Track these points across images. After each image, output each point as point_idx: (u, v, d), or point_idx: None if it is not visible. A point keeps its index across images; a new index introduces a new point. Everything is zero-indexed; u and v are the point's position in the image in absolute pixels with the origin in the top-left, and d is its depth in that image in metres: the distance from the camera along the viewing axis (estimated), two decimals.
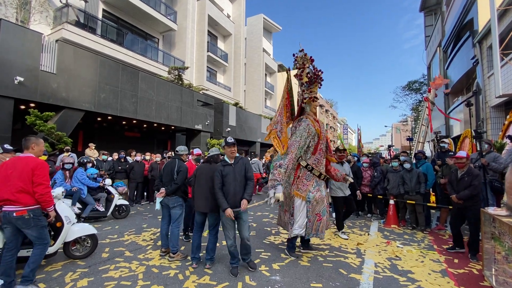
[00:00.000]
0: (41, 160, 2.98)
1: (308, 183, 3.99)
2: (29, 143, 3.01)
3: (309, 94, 4.26)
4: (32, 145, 3.02)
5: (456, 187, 4.32)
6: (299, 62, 4.30)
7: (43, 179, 2.86)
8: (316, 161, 4.12)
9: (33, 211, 2.84)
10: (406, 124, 37.46)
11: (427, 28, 19.55)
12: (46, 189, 2.88)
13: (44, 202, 2.88)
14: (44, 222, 2.98)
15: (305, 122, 4.10)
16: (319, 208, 3.95)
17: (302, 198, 3.93)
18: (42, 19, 11.13)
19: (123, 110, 10.72)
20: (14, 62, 7.56)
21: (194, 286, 3.07)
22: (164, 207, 4.04)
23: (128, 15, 15.66)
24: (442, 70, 15.43)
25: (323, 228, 4.03)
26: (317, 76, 4.24)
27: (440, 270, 3.66)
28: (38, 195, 2.83)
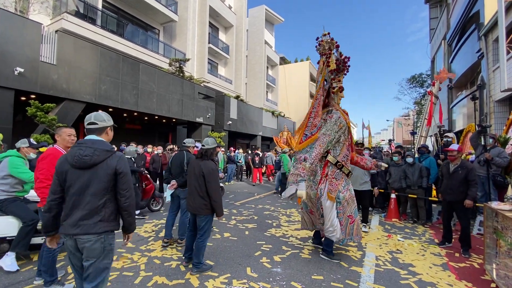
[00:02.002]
0: (52, 152, 2.80)
1: (338, 182, 3.65)
2: (55, 134, 2.98)
3: (338, 84, 3.93)
4: (56, 136, 2.96)
5: (449, 180, 4.22)
6: (325, 47, 3.85)
7: (40, 172, 2.73)
8: (345, 157, 3.80)
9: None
10: (408, 119, 37.25)
11: (432, 21, 19.22)
12: (40, 184, 2.70)
13: (39, 196, 2.75)
14: None
15: (336, 114, 3.77)
16: (350, 209, 3.65)
17: (331, 199, 3.59)
18: (41, 9, 10.97)
19: (124, 102, 10.67)
20: (13, 52, 7.48)
21: (196, 278, 3.09)
22: (174, 199, 4.08)
23: (129, 5, 15.43)
24: (447, 64, 15.23)
25: (358, 231, 3.73)
26: (345, 63, 3.89)
27: (441, 263, 3.67)
28: (34, 188, 2.74)
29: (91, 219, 1.76)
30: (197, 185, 3.20)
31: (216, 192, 3.17)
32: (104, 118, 1.97)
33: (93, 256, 1.78)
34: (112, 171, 1.82)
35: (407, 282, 3.11)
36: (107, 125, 1.98)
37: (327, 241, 3.76)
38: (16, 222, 3.31)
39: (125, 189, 1.85)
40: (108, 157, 1.84)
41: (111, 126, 2.05)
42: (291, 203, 7.74)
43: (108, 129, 2.00)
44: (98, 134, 1.93)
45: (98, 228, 1.78)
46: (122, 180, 1.84)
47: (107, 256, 1.85)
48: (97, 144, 1.84)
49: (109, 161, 1.83)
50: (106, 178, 1.80)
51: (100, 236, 1.79)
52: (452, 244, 4.37)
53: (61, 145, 2.91)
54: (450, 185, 4.19)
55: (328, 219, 3.60)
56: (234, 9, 24.66)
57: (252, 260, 3.64)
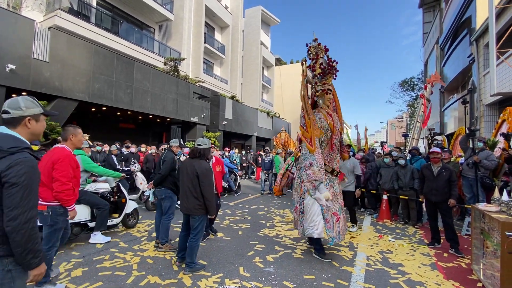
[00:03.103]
0: (66, 153, 2.74)
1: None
2: (67, 133, 2.85)
3: (322, 87, 4.08)
4: (70, 136, 2.85)
5: (434, 182, 4.34)
6: (312, 52, 4.07)
7: (60, 174, 2.64)
8: (329, 156, 3.99)
9: (52, 208, 2.68)
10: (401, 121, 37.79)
11: (426, 25, 19.55)
12: (62, 187, 2.64)
13: (61, 200, 2.68)
14: (59, 225, 2.73)
15: (317, 116, 3.94)
16: (334, 207, 3.77)
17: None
18: (34, 5, 10.81)
19: (118, 101, 10.57)
20: (5, 49, 7.36)
21: (189, 277, 3.10)
22: (158, 199, 4.07)
23: (123, 3, 15.30)
24: (439, 68, 15.51)
25: (343, 229, 3.89)
26: (331, 66, 4.03)
27: (429, 263, 3.75)
28: (54, 192, 2.65)
29: None
30: (190, 185, 3.19)
31: (210, 192, 3.18)
32: (20, 105, 1.46)
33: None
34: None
35: (396, 281, 3.18)
36: (23, 115, 1.46)
37: (312, 240, 3.95)
38: (86, 209, 4.03)
39: (9, 206, 1.28)
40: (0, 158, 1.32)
41: (33, 115, 1.50)
42: (284, 204, 7.79)
43: (26, 120, 1.47)
44: (11, 126, 1.45)
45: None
46: (6, 193, 1.29)
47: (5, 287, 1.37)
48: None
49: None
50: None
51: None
52: (441, 244, 4.47)
53: (71, 145, 2.87)
54: (435, 186, 4.31)
55: (308, 215, 3.69)
56: (230, 9, 24.66)
57: (245, 260, 3.66)
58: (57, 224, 2.72)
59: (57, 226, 2.72)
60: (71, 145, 2.87)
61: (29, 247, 1.34)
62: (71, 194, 2.71)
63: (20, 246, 1.31)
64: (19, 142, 1.39)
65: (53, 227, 2.71)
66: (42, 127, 1.57)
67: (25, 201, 1.32)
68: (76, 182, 2.86)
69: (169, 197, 3.96)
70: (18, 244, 1.31)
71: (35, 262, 1.37)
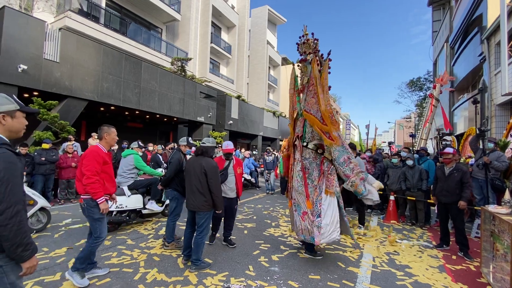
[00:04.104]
0: (94, 149, 2.89)
1: (333, 178, 3.64)
2: (102, 133, 2.99)
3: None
4: (104, 135, 2.98)
5: (445, 183, 4.28)
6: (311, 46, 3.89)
7: (86, 169, 2.78)
8: None
9: (86, 201, 2.83)
10: (409, 121, 37.25)
11: (435, 23, 19.22)
12: (87, 180, 2.76)
13: (88, 193, 2.80)
14: (97, 215, 2.85)
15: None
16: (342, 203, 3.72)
17: (331, 195, 3.58)
18: (45, 7, 11.05)
19: (126, 100, 10.72)
20: (17, 50, 7.55)
21: (194, 275, 3.13)
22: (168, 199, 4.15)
23: (132, 4, 15.50)
24: (449, 67, 15.22)
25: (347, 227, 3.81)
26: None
27: (437, 265, 3.70)
28: (83, 185, 2.80)
29: None
30: (197, 182, 3.24)
31: (218, 188, 3.30)
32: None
33: None
34: None
35: (403, 283, 3.14)
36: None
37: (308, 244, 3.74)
38: (141, 198, 4.91)
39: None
40: None
41: (7, 112, 1.47)
42: None
43: (0, 116, 1.46)
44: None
45: None
46: None
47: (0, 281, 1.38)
48: None
49: None
50: None
51: None
52: (450, 247, 4.40)
53: (106, 143, 3.00)
54: (446, 187, 4.24)
55: (330, 219, 3.50)
56: (237, 9, 24.71)
57: (250, 259, 3.67)
58: (94, 214, 2.84)
59: (95, 216, 2.84)
60: (105, 143, 3.00)
61: (18, 241, 1.35)
62: (97, 187, 2.80)
63: (9, 240, 1.33)
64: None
65: (92, 217, 2.85)
66: (19, 124, 1.54)
67: (9, 196, 1.32)
68: (105, 177, 2.95)
69: (175, 198, 3.97)
70: (6, 239, 1.32)
71: (26, 255, 1.39)
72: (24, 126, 1.58)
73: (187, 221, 3.51)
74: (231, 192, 4.05)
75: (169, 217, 3.96)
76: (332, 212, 3.52)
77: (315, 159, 3.71)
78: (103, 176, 2.91)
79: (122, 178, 4.91)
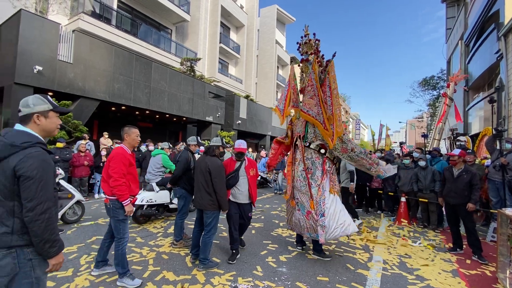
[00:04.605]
0: (119, 151, 2.88)
1: (335, 177, 3.81)
2: (122, 133, 2.99)
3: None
4: (124, 136, 2.99)
5: (453, 184, 4.21)
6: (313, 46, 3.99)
7: (113, 171, 2.79)
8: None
9: (112, 201, 2.85)
10: (421, 121, 36.33)
11: (449, 20, 18.70)
12: (114, 182, 2.77)
13: (115, 195, 2.81)
14: (121, 217, 2.87)
15: None
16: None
17: (335, 194, 3.68)
18: (59, 9, 11.35)
19: (136, 100, 10.90)
20: (33, 51, 7.78)
21: (202, 274, 3.14)
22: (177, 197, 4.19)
23: (142, 5, 15.74)
24: (463, 65, 14.77)
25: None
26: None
27: (451, 270, 3.59)
28: (110, 187, 2.81)
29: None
30: (203, 181, 3.28)
31: (222, 188, 3.25)
32: (28, 103, 1.52)
33: (4, 274, 1.38)
34: (11, 172, 1.37)
35: (414, 287, 3.07)
36: (32, 112, 1.52)
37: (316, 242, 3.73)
38: (168, 193, 5.32)
39: (26, 198, 1.37)
40: (12, 153, 1.39)
41: (42, 112, 1.55)
42: None
43: (35, 116, 1.52)
44: (23, 123, 1.53)
45: (4, 242, 1.37)
46: (23, 186, 1.38)
47: (25, 275, 1.41)
48: (8, 135, 1.45)
49: (11, 158, 1.38)
50: (6, 180, 1.38)
51: (10, 251, 1.38)
52: (464, 250, 4.26)
53: (128, 144, 3.00)
54: (454, 189, 4.17)
55: (335, 216, 3.55)
56: (246, 9, 24.73)
57: (258, 259, 3.66)
58: (119, 216, 2.85)
59: (119, 218, 2.86)
60: (127, 144, 3.00)
61: (46, 237, 1.41)
62: (124, 189, 2.81)
63: (38, 236, 1.39)
64: (31, 137, 1.46)
65: (116, 219, 2.86)
66: (52, 124, 1.60)
67: (40, 193, 1.39)
68: (131, 178, 2.95)
69: (183, 197, 4.03)
70: (35, 234, 1.39)
71: (53, 251, 1.45)
72: (58, 126, 1.65)
73: (195, 220, 3.54)
74: (243, 197, 3.61)
75: (177, 215, 4.00)
76: (334, 211, 3.58)
77: (317, 159, 3.71)
78: (129, 177, 2.92)
79: (151, 175, 5.42)
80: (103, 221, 5.13)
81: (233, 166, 3.63)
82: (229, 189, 3.52)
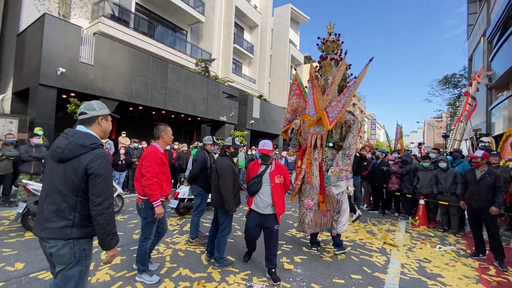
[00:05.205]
0: (152, 150, 2.85)
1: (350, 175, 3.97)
2: (159, 132, 2.96)
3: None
4: (162, 134, 2.96)
5: (476, 187, 4.05)
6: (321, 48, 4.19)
7: (146, 170, 2.74)
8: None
9: (144, 202, 2.82)
10: (440, 121, 34.99)
11: (470, 16, 17.93)
12: (146, 181, 2.71)
13: (147, 194, 2.75)
14: (151, 219, 2.83)
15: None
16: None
17: (350, 192, 3.96)
18: (81, 13, 11.77)
19: (153, 101, 11.16)
20: (57, 54, 8.14)
21: (218, 272, 3.18)
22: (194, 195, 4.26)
23: (159, 7, 16.07)
24: (486, 62, 14.12)
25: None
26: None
27: (473, 276, 3.45)
28: (142, 186, 2.78)
29: (58, 222, 1.52)
30: (216, 181, 3.35)
31: (226, 188, 3.17)
32: (94, 107, 1.71)
33: (61, 263, 1.54)
34: (83, 170, 1.52)
35: None
36: (97, 114, 1.70)
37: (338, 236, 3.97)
38: (188, 189, 5.46)
39: (95, 194, 1.53)
40: (83, 153, 1.55)
41: (104, 115, 1.74)
42: None
43: (99, 119, 1.71)
44: (87, 125, 1.68)
45: (65, 234, 1.52)
46: (92, 183, 1.53)
47: (78, 263, 1.58)
48: (76, 136, 1.59)
49: (82, 157, 1.54)
50: (76, 177, 1.52)
51: (68, 242, 1.54)
52: (487, 256, 4.09)
53: (163, 143, 3.00)
54: (477, 192, 4.01)
55: (344, 212, 3.86)
56: (260, 9, 24.73)
57: None
58: (149, 217, 2.83)
59: (149, 219, 2.85)
60: (162, 142, 2.99)
61: (109, 230, 1.59)
62: (155, 189, 2.74)
63: (103, 228, 1.56)
64: (96, 139, 1.65)
65: (146, 219, 2.86)
66: (109, 126, 1.81)
67: (106, 189, 1.58)
68: (164, 178, 2.92)
69: (200, 195, 4.10)
70: (101, 227, 1.56)
71: (113, 243, 1.63)
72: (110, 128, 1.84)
73: (212, 219, 3.60)
74: (265, 207, 3.10)
75: (193, 213, 4.08)
76: (346, 208, 3.88)
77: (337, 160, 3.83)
78: (161, 177, 2.87)
79: None
80: (121, 218, 5.29)
81: (257, 171, 3.21)
82: (251, 196, 3.21)
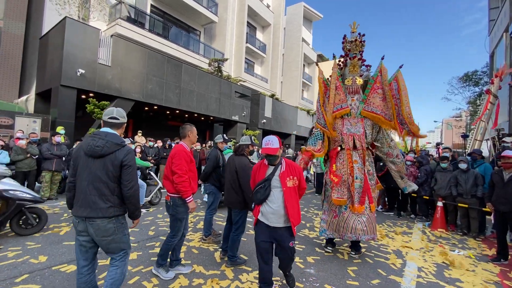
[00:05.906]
0: (181, 148, 2.93)
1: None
2: (185, 131, 3.04)
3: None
4: (188, 133, 3.04)
5: (503, 189, 3.86)
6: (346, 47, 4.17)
7: (177, 168, 2.82)
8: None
9: (173, 199, 2.90)
10: (459, 120, 33.67)
11: (492, 11, 17.15)
12: (179, 178, 2.80)
13: (179, 191, 2.84)
14: (181, 215, 2.93)
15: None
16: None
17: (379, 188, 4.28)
18: (99, 16, 12.16)
19: (168, 100, 11.39)
20: (77, 55, 8.45)
21: (231, 270, 3.22)
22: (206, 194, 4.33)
23: (173, 8, 16.34)
24: (509, 59, 13.48)
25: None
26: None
27: (493, 281, 3.33)
28: (174, 184, 2.85)
29: (102, 203, 1.97)
30: (232, 180, 3.37)
31: (247, 186, 3.21)
32: (123, 115, 2.22)
33: (108, 235, 2.01)
34: (119, 162, 2.00)
35: None
36: (124, 122, 2.23)
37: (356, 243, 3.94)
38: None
39: (127, 180, 2.02)
40: (117, 149, 2.02)
41: (124, 123, 2.26)
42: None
43: (124, 125, 2.24)
44: (115, 128, 2.15)
45: (109, 212, 1.98)
46: (126, 172, 2.02)
47: (120, 231, 2.07)
48: (109, 136, 2.03)
49: (117, 153, 2.01)
50: (113, 168, 1.99)
51: (111, 219, 2.01)
52: (508, 261, 3.93)
53: (189, 141, 3.09)
54: (504, 194, 3.83)
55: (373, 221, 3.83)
56: (272, 8, 24.66)
57: None
58: (177, 214, 2.92)
59: (177, 216, 2.92)
60: (188, 141, 3.07)
61: (137, 206, 2.16)
62: (187, 186, 2.84)
63: (134, 205, 2.12)
64: (122, 139, 2.13)
65: (174, 216, 2.94)
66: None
67: (134, 177, 2.09)
68: (192, 175, 2.99)
69: (213, 193, 4.15)
70: (133, 204, 2.11)
71: (138, 215, 2.21)
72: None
73: (227, 217, 3.65)
74: (276, 218, 2.51)
75: (206, 211, 4.14)
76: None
77: (372, 162, 3.94)
78: (190, 174, 2.94)
79: None
80: None
81: (263, 173, 2.59)
82: (258, 204, 2.58)
